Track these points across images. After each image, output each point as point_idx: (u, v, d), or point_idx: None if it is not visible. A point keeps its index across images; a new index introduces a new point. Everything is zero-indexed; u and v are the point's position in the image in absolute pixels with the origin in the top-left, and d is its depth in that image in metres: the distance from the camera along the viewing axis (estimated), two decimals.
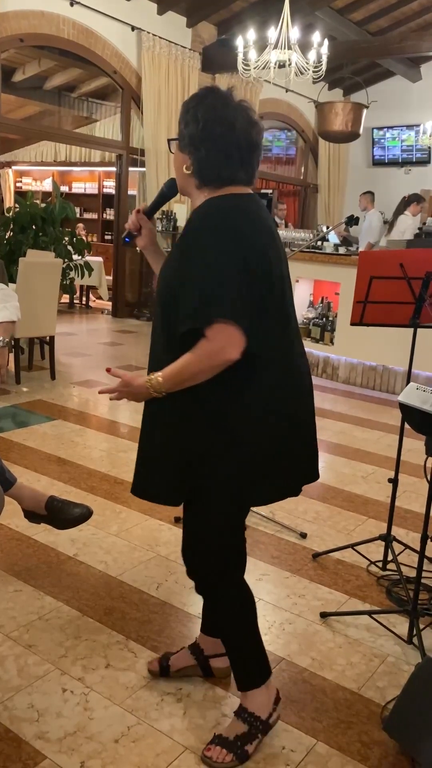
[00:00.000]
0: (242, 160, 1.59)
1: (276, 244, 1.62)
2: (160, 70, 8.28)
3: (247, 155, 1.60)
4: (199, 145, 1.58)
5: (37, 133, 9.82)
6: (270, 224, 1.63)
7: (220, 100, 1.59)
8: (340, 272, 5.92)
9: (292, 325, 1.68)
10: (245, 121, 1.58)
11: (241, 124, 1.57)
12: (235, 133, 1.56)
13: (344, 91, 11.18)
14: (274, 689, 1.81)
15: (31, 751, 1.70)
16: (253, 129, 1.59)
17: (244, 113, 1.59)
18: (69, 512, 2.39)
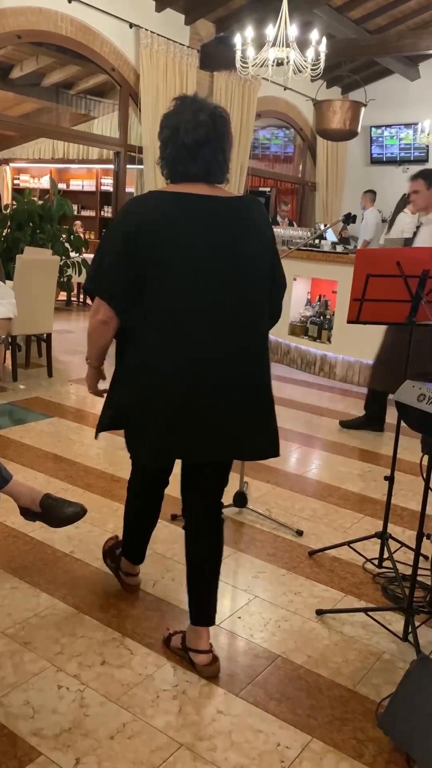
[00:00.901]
0: (190, 158, 1.84)
1: (197, 235, 1.82)
2: (158, 68, 8.27)
3: (195, 152, 1.83)
4: (162, 149, 1.91)
5: (34, 130, 9.79)
6: (197, 218, 1.83)
7: (175, 108, 1.88)
8: (337, 270, 5.92)
9: (195, 304, 1.83)
10: (191, 123, 1.82)
11: (185, 126, 1.82)
12: (179, 135, 1.83)
13: (342, 89, 11.17)
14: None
15: (27, 747, 1.70)
16: (200, 129, 1.82)
17: (193, 115, 1.83)
18: (62, 510, 2.39)
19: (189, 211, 1.84)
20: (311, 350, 6.33)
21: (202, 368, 1.85)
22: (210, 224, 1.84)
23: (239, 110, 9.51)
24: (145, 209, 1.85)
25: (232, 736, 1.79)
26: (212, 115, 1.85)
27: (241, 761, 1.70)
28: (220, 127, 1.86)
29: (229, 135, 1.90)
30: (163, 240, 1.81)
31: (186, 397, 1.85)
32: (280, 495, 3.41)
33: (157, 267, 1.81)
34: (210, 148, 1.85)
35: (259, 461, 3.82)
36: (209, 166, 1.86)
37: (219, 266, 1.85)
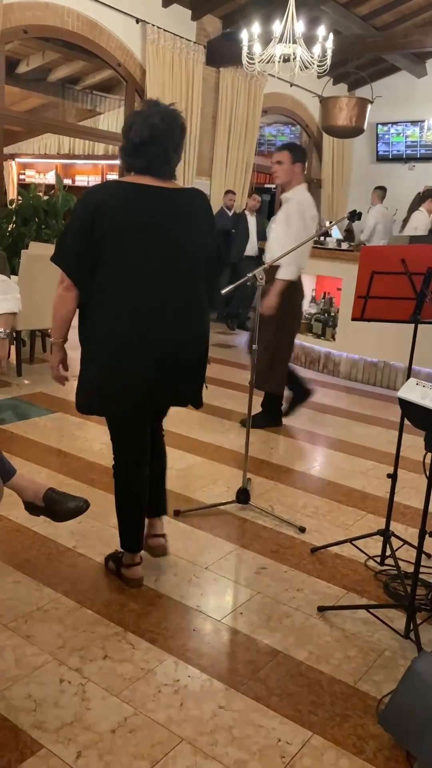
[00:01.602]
0: (136, 153, 2.19)
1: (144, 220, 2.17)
2: (165, 63, 8.26)
3: (140, 149, 2.17)
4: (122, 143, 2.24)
5: (40, 126, 9.79)
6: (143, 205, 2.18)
7: (139, 109, 2.23)
8: (342, 268, 5.91)
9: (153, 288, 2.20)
10: (140, 124, 2.16)
11: (136, 126, 2.16)
12: (130, 134, 2.18)
13: (349, 86, 11.14)
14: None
15: (28, 740, 1.71)
16: (146, 130, 2.15)
17: (146, 117, 2.16)
18: (65, 505, 2.39)
19: (132, 199, 2.18)
20: (315, 347, 6.32)
21: (146, 334, 2.21)
22: (149, 211, 2.19)
23: (245, 106, 9.49)
24: (99, 197, 2.18)
25: (233, 731, 1.79)
26: (165, 119, 2.17)
27: (241, 756, 1.71)
28: (168, 130, 2.18)
29: (177, 137, 2.23)
30: (111, 223, 2.15)
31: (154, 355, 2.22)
32: (283, 492, 3.41)
33: (106, 245, 2.16)
34: (154, 147, 2.17)
35: (263, 459, 3.83)
36: (151, 161, 2.19)
37: (157, 245, 2.20)
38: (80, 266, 2.22)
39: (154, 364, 2.22)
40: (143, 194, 2.19)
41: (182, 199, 2.26)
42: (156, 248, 2.20)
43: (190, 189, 2.35)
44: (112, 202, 2.17)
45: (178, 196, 2.25)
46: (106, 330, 2.21)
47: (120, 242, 2.16)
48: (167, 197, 2.22)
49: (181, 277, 2.26)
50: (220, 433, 4.22)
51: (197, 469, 3.61)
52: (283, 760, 1.71)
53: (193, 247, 2.28)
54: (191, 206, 2.29)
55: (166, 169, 2.23)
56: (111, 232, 2.15)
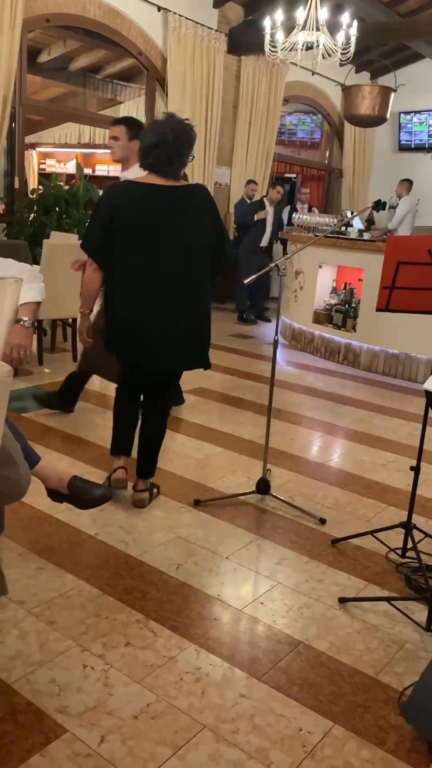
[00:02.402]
0: (145, 154, 2.66)
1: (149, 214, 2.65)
2: (186, 52, 8.21)
3: (148, 151, 2.64)
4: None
5: (61, 115, 9.81)
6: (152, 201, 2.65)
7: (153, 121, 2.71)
8: (364, 258, 5.87)
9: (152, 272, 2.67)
10: (152, 132, 2.62)
11: (149, 133, 2.63)
12: (144, 139, 2.66)
13: (372, 74, 11.00)
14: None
15: (52, 724, 1.73)
16: (153, 136, 2.61)
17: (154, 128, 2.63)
18: (90, 493, 2.41)
19: (139, 197, 2.67)
20: (335, 338, 6.29)
21: (148, 309, 2.68)
22: (153, 205, 2.65)
23: (266, 95, 9.42)
24: (117, 195, 2.68)
25: (254, 719, 1.80)
26: (174, 130, 2.62)
27: (263, 744, 1.72)
28: (173, 139, 2.61)
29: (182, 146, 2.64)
30: (124, 216, 2.65)
31: (140, 328, 2.71)
32: (302, 483, 3.41)
33: (120, 235, 2.65)
34: (158, 150, 2.61)
35: (283, 450, 3.83)
36: (156, 162, 2.65)
37: (160, 234, 2.65)
38: (102, 252, 2.72)
39: (147, 335, 2.71)
40: (148, 192, 2.66)
41: (180, 195, 2.69)
42: (153, 239, 2.66)
43: (191, 185, 2.76)
44: (125, 199, 2.66)
45: (176, 192, 2.68)
46: (117, 304, 2.74)
47: (128, 234, 2.66)
48: (167, 193, 2.66)
49: (173, 263, 2.68)
50: (239, 424, 4.22)
51: (216, 460, 3.62)
52: (305, 749, 1.71)
53: (187, 236, 2.69)
54: (188, 201, 2.70)
55: (168, 169, 2.66)
56: (122, 225, 2.64)
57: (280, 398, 4.82)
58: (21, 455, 1.83)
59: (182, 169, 2.73)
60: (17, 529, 2.70)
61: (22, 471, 1.81)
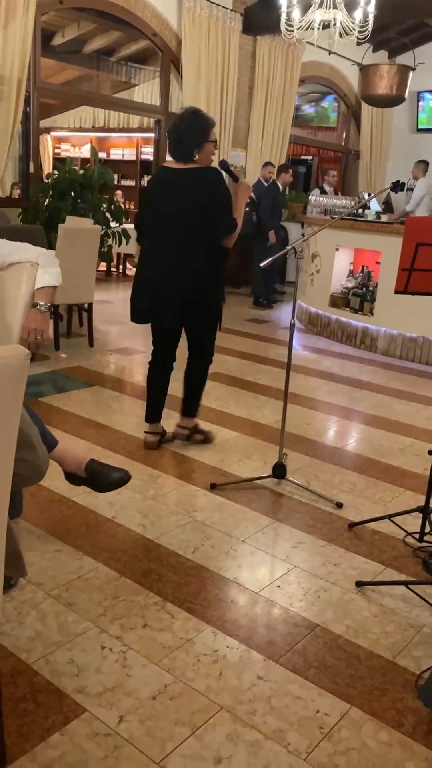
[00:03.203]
0: (167, 143, 3.21)
1: (160, 190, 3.20)
2: (201, 33, 8.11)
3: (168, 139, 3.16)
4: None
5: (76, 98, 9.76)
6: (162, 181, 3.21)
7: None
8: (381, 241, 5.80)
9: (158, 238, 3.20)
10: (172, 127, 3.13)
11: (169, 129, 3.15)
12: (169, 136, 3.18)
13: (389, 53, 10.81)
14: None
15: (72, 703, 1.75)
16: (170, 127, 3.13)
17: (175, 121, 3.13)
18: (108, 476, 2.42)
19: (160, 177, 3.25)
20: (353, 322, 6.24)
21: (155, 272, 3.21)
22: (167, 185, 3.16)
23: (282, 76, 9.30)
24: (151, 177, 3.42)
25: (271, 701, 1.81)
26: (179, 117, 3.14)
27: (280, 726, 1.73)
28: (181, 126, 3.08)
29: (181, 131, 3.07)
30: (147, 195, 3.29)
31: (150, 285, 3.23)
32: (319, 467, 3.40)
33: (145, 211, 3.29)
34: (172, 138, 3.11)
35: (299, 434, 3.82)
36: (173, 149, 3.14)
37: (170, 209, 3.13)
38: (138, 227, 3.36)
39: (153, 296, 3.21)
40: (164, 173, 3.21)
41: (187, 175, 3.11)
42: (161, 214, 3.17)
43: (200, 168, 3.12)
44: (152, 181, 3.36)
45: (180, 173, 3.13)
46: (137, 270, 3.37)
47: (148, 209, 3.24)
48: (176, 174, 3.14)
49: (173, 235, 3.14)
50: (255, 408, 4.21)
51: (233, 444, 3.62)
52: (322, 731, 1.72)
53: (188, 210, 3.08)
54: (194, 180, 3.09)
55: (176, 153, 3.14)
56: (146, 202, 3.27)
57: (297, 383, 4.80)
58: (39, 438, 1.84)
59: (192, 152, 3.09)
60: (35, 512, 2.73)
61: (40, 454, 1.81)
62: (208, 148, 3.13)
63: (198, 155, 3.11)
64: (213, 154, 3.19)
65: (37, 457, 1.77)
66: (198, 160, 3.12)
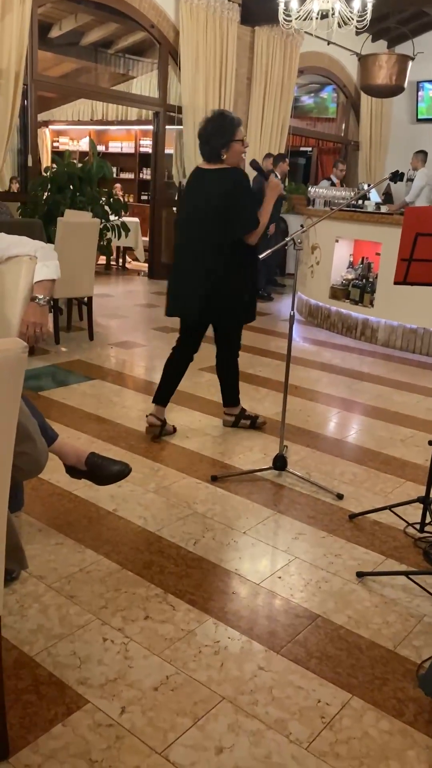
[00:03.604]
0: (200, 149, 3.30)
1: (190, 190, 3.38)
2: (198, 24, 8.07)
3: (200, 146, 3.28)
4: None
5: (74, 91, 9.72)
6: (193, 181, 3.37)
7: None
8: (381, 232, 5.78)
9: (184, 234, 3.37)
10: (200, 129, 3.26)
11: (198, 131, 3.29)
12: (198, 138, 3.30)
13: (389, 42, 10.76)
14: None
15: (74, 695, 1.76)
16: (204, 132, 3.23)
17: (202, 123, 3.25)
18: (108, 469, 2.43)
19: (192, 177, 3.39)
20: (353, 314, 6.23)
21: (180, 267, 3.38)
22: (196, 185, 3.33)
23: (281, 66, 9.26)
24: (188, 177, 3.45)
25: (273, 691, 1.82)
26: (205, 120, 3.23)
27: (282, 715, 1.73)
28: (208, 128, 3.21)
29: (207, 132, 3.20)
30: (182, 194, 3.80)
31: (175, 280, 3.41)
32: (320, 459, 3.40)
33: (180, 210, 3.15)
34: (201, 140, 3.25)
35: (300, 426, 3.82)
36: (202, 150, 3.27)
37: (194, 208, 3.29)
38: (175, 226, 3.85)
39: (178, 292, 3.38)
40: (195, 174, 3.37)
41: (210, 176, 3.25)
42: (187, 211, 3.35)
43: (226, 168, 3.23)
44: (186, 181, 3.49)
45: (208, 173, 3.27)
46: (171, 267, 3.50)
47: (181, 206, 3.49)
48: (202, 174, 3.30)
49: (195, 232, 3.28)
50: (256, 401, 4.21)
51: (233, 436, 3.62)
52: (323, 720, 1.73)
53: (208, 211, 3.20)
54: (217, 180, 3.21)
55: (206, 155, 3.26)
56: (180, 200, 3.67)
57: (297, 375, 4.80)
58: (38, 431, 1.84)
59: (220, 152, 3.19)
60: (37, 505, 2.73)
61: (39, 446, 1.82)
62: (236, 147, 3.21)
63: (226, 155, 3.20)
64: (242, 153, 3.26)
65: (37, 450, 1.77)
66: (227, 160, 3.22)
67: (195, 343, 3.52)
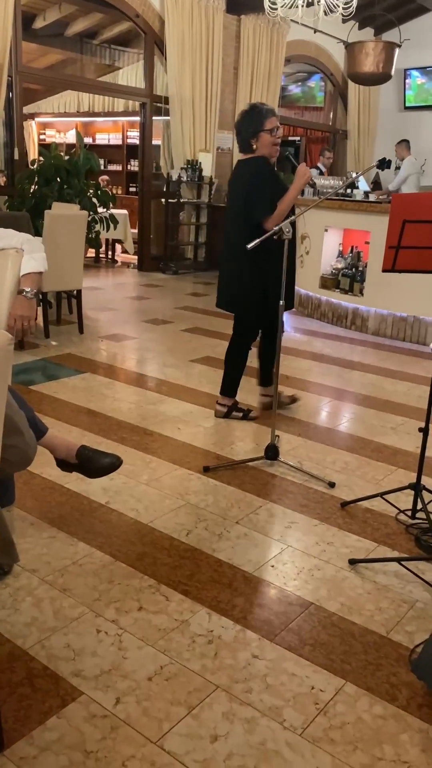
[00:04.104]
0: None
1: (230, 182, 3.56)
2: (184, 12, 8.01)
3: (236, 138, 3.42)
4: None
5: (59, 83, 9.64)
6: (233, 173, 3.52)
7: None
8: (370, 220, 5.78)
9: (226, 225, 3.52)
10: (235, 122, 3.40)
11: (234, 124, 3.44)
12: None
13: (375, 30, 10.71)
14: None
15: (68, 687, 1.76)
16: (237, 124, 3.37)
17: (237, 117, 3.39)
18: (99, 461, 2.42)
19: (233, 169, 3.53)
20: (343, 303, 6.24)
21: (220, 258, 3.59)
22: (234, 177, 3.48)
23: (267, 55, 9.21)
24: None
25: (267, 679, 1.83)
26: (240, 113, 3.35)
27: (276, 703, 1.74)
28: (239, 122, 3.33)
29: (240, 125, 3.31)
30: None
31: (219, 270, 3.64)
32: (312, 448, 3.41)
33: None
34: (236, 132, 3.38)
35: (291, 416, 3.82)
36: (237, 142, 3.40)
37: (230, 199, 3.50)
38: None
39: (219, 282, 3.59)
40: (234, 166, 3.55)
41: (241, 167, 3.39)
42: (228, 203, 3.55)
43: (248, 158, 3.35)
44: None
45: (240, 164, 3.42)
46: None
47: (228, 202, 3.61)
48: (236, 166, 3.46)
49: (229, 223, 3.45)
50: (247, 391, 4.21)
51: (225, 427, 3.62)
52: (317, 707, 1.74)
53: (237, 201, 3.36)
54: (243, 170, 3.36)
55: (240, 146, 3.39)
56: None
57: (288, 365, 4.80)
58: (26, 424, 1.84)
59: (250, 143, 3.28)
60: (28, 499, 2.73)
61: (28, 440, 1.81)
62: (264, 138, 3.25)
63: (256, 145, 3.28)
64: (274, 143, 3.29)
65: (25, 443, 1.77)
66: (258, 150, 3.29)
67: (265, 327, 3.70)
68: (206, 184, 8.89)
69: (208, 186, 8.93)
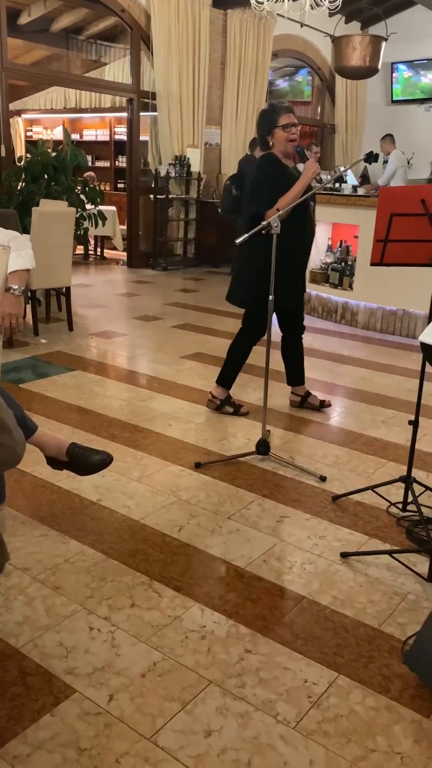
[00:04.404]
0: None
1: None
2: (170, 7, 7.97)
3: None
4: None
5: (45, 79, 9.57)
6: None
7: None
8: (359, 214, 5.79)
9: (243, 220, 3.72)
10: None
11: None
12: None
13: (362, 24, 10.71)
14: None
15: (62, 685, 1.76)
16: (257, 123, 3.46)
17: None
18: (90, 458, 2.42)
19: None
20: (332, 298, 6.24)
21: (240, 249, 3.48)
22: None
23: (254, 50, 9.19)
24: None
25: (260, 673, 1.83)
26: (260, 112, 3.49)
27: (269, 697, 1.75)
28: (257, 120, 3.44)
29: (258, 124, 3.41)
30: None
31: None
32: (302, 442, 3.42)
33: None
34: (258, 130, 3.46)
35: (282, 411, 3.83)
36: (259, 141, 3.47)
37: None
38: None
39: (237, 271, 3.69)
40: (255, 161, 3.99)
41: (254, 164, 3.57)
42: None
43: (261, 155, 3.44)
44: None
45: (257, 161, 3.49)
46: None
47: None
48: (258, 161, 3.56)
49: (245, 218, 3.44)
50: (238, 386, 4.21)
51: (216, 422, 3.62)
52: (310, 700, 1.74)
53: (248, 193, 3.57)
54: (254, 168, 3.46)
55: (259, 144, 3.47)
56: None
57: (279, 360, 4.79)
58: (14, 422, 1.82)
59: (266, 140, 3.32)
60: (19, 497, 2.72)
61: (16, 437, 1.79)
62: (279, 134, 3.28)
63: (272, 141, 3.32)
64: (290, 140, 3.29)
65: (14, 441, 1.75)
66: (275, 147, 3.32)
67: (286, 326, 3.79)
68: (194, 179, 8.87)
69: (196, 182, 8.91)
